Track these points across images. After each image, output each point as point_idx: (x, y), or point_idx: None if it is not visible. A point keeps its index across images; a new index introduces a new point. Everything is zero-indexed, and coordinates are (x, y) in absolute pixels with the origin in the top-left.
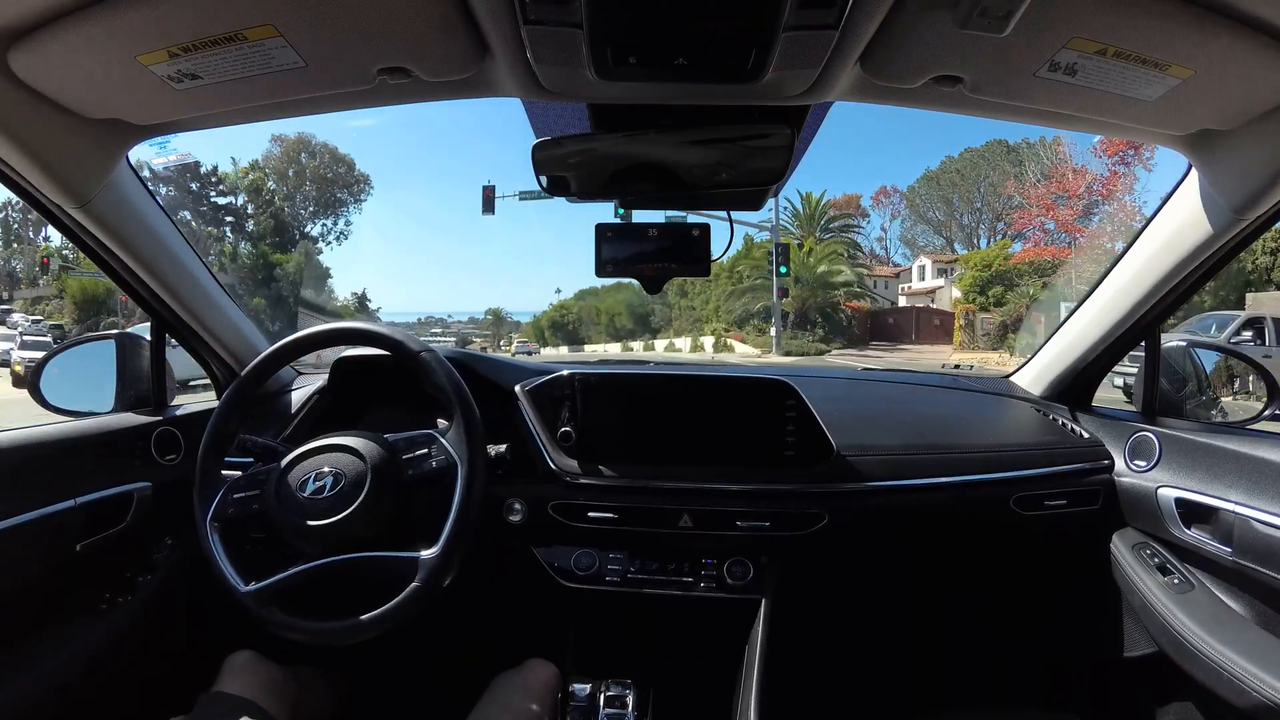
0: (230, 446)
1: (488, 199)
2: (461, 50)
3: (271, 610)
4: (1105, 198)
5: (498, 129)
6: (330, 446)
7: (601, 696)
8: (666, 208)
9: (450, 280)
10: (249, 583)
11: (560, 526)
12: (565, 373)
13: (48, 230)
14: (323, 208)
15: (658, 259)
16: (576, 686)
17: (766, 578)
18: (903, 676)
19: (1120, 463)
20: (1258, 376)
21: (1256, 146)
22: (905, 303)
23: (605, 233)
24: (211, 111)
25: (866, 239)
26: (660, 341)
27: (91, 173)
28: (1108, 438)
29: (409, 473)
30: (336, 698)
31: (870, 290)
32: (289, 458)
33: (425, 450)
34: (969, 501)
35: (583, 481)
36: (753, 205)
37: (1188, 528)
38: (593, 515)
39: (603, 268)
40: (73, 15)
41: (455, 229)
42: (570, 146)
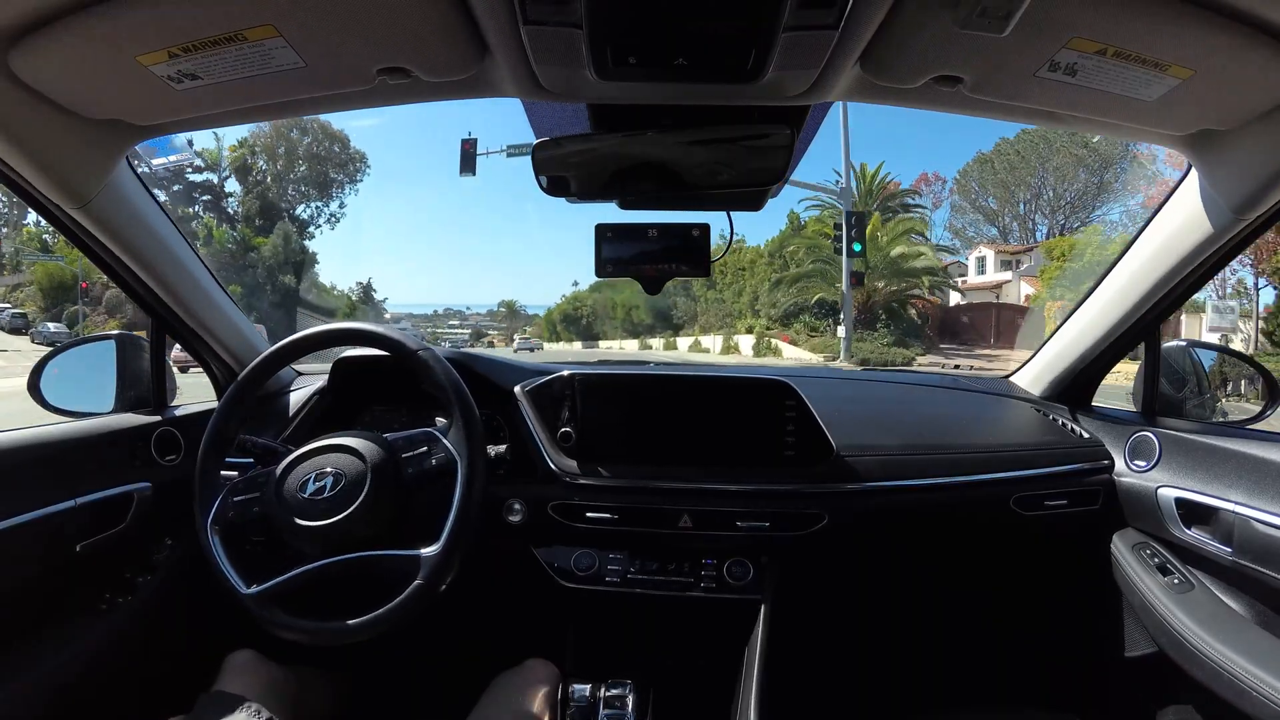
0: (230, 447)
1: (467, 155)
2: (461, 50)
3: (273, 611)
4: None
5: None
6: (330, 447)
7: (601, 697)
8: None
9: (470, 273)
10: (250, 585)
11: (560, 527)
12: (565, 373)
13: (29, 214)
14: (315, 188)
15: (658, 259)
16: (576, 687)
17: (766, 578)
18: (903, 676)
19: (1120, 463)
20: (1258, 376)
21: (1256, 146)
22: (954, 299)
23: (605, 233)
24: (211, 111)
25: None
26: (685, 340)
27: (91, 173)
28: (1108, 438)
29: (409, 472)
30: (336, 698)
31: (949, 280)
32: (289, 459)
33: (425, 449)
34: (969, 502)
35: (582, 482)
36: (753, 205)
37: (1188, 528)
38: (592, 515)
39: (602, 267)
40: (73, 15)
41: (474, 222)
42: (570, 147)
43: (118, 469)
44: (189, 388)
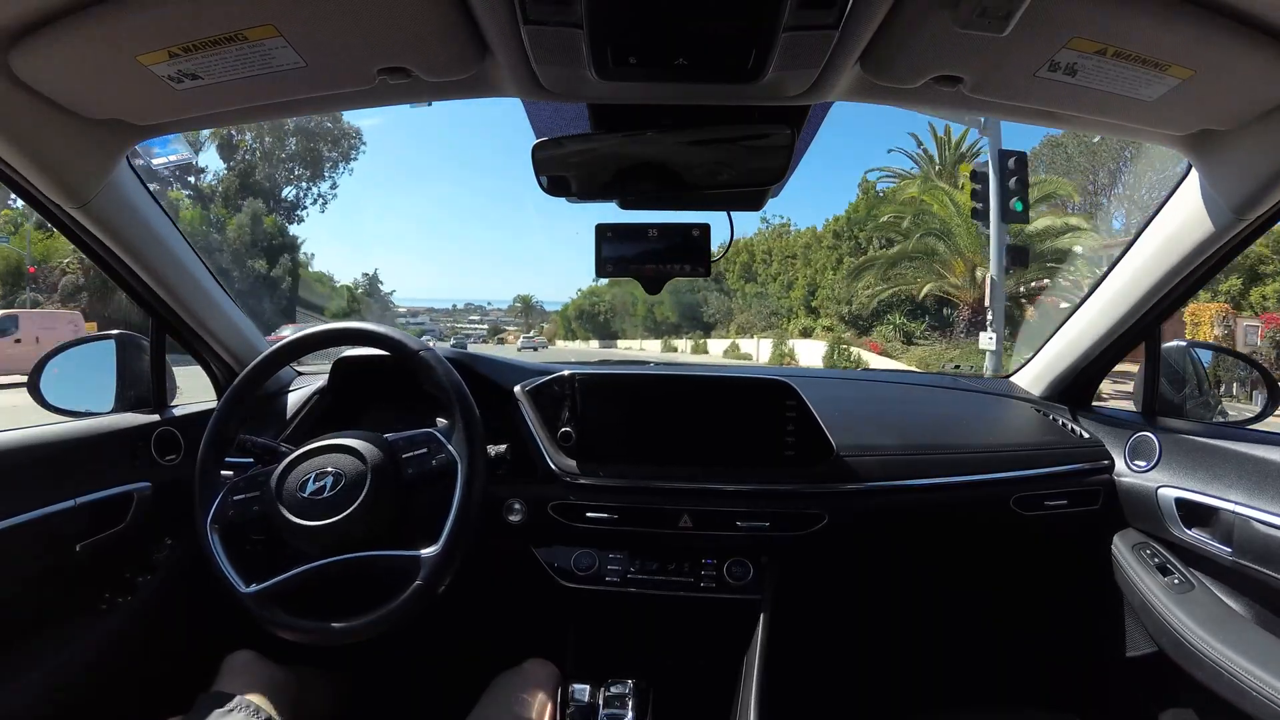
0: (230, 447)
1: None
2: (461, 50)
3: (273, 611)
4: None
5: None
6: (330, 447)
7: (601, 697)
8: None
9: (485, 267)
10: (250, 584)
11: (560, 527)
12: (565, 373)
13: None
14: (304, 165)
15: (658, 259)
16: (576, 687)
17: (766, 578)
18: (903, 676)
19: (1120, 463)
20: (1258, 376)
21: (1256, 146)
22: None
23: (605, 233)
24: (211, 111)
25: None
26: (718, 343)
27: (91, 173)
28: (1108, 438)
29: (409, 472)
30: (336, 698)
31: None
32: (289, 458)
33: (425, 449)
34: (969, 502)
35: (582, 482)
36: (753, 205)
37: (1188, 528)
38: (592, 515)
39: (603, 267)
40: (73, 15)
41: (496, 219)
42: (570, 147)
43: (118, 469)
44: (188, 377)
